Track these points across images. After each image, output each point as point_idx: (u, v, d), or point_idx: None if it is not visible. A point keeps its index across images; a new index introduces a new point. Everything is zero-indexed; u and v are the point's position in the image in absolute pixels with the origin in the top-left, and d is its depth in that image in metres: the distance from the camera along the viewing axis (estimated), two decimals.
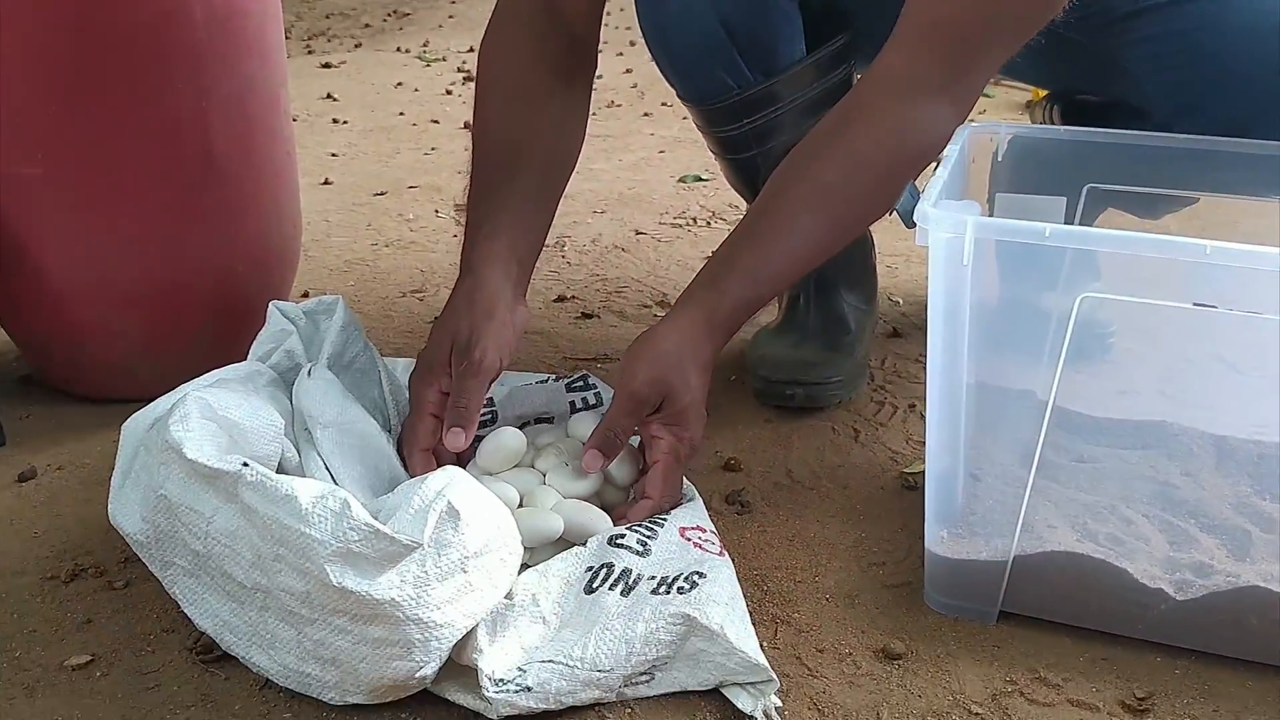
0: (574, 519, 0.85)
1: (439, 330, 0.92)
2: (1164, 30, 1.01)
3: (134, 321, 1.09)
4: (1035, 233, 0.72)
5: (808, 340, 1.18)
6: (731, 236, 0.92)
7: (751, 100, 1.10)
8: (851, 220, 0.92)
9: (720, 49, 1.07)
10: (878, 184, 0.89)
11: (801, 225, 0.89)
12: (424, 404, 0.89)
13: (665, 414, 0.87)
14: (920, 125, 0.87)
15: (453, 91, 2.68)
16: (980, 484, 0.90)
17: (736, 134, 1.14)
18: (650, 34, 1.10)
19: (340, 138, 2.26)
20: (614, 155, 2.15)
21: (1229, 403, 1.00)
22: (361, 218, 1.76)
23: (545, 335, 1.34)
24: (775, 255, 0.89)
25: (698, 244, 1.66)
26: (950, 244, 0.75)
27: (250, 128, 1.09)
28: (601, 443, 0.87)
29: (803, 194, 0.89)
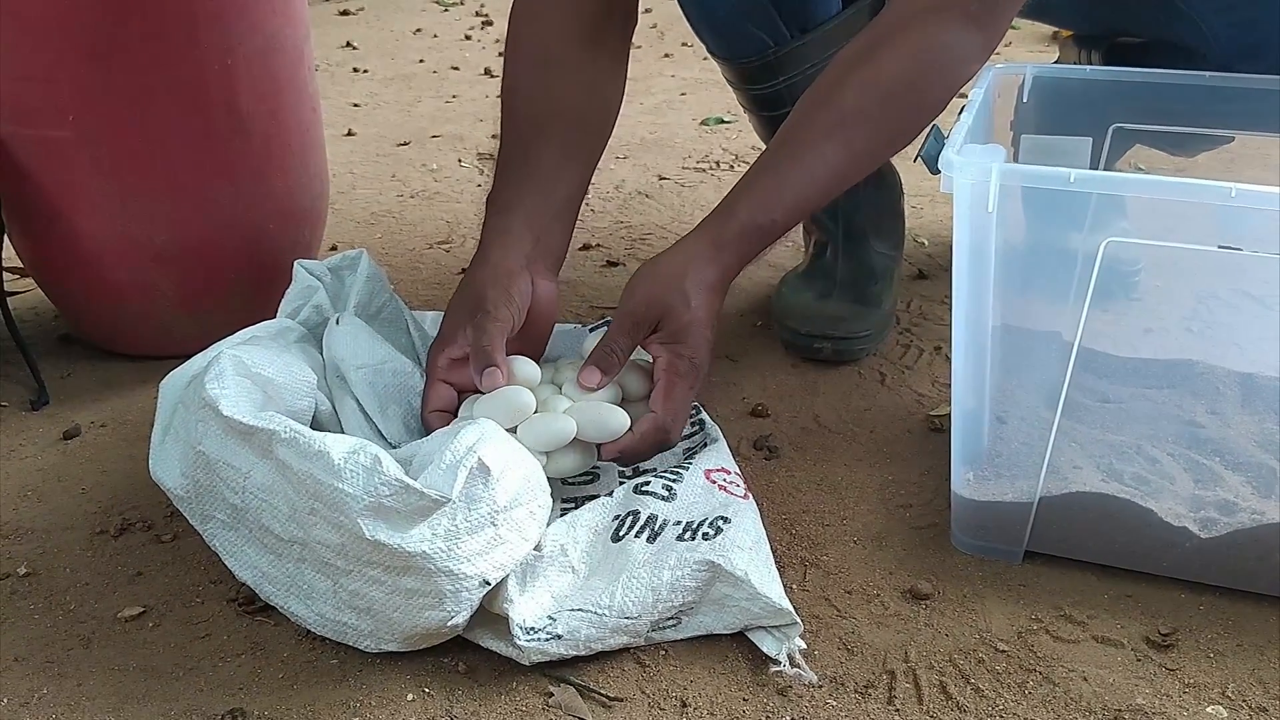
0: (587, 417, 0.84)
1: (449, 314, 0.91)
2: None
3: (168, 279, 1.11)
4: (1060, 178, 0.72)
5: (836, 291, 1.18)
6: (752, 165, 0.91)
7: (786, 57, 1.09)
8: (873, 149, 0.90)
9: (757, 6, 1.06)
10: (901, 112, 0.87)
11: (821, 152, 0.87)
12: (434, 370, 0.89)
13: (663, 333, 0.86)
14: (948, 53, 0.86)
15: (471, 37, 2.66)
16: (1006, 426, 0.90)
17: (769, 91, 1.13)
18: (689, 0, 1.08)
19: (361, 87, 2.26)
20: (635, 99, 2.14)
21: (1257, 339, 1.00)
22: (386, 169, 1.77)
23: (571, 285, 1.35)
24: (791, 181, 0.87)
25: (721, 188, 1.66)
26: (975, 191, 0.75)
27: (276, 85, 1.10)
28: (599, 359, 0.86)
29: (824, 120, 0.87)
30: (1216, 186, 0.69)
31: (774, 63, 1.10)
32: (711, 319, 0.87)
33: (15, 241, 1.15)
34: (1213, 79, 0.93)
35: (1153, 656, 0.76)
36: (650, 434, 0.85)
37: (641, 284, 0.86)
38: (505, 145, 0.98)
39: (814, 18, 1.08)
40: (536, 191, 0.95)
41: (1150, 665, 0.75)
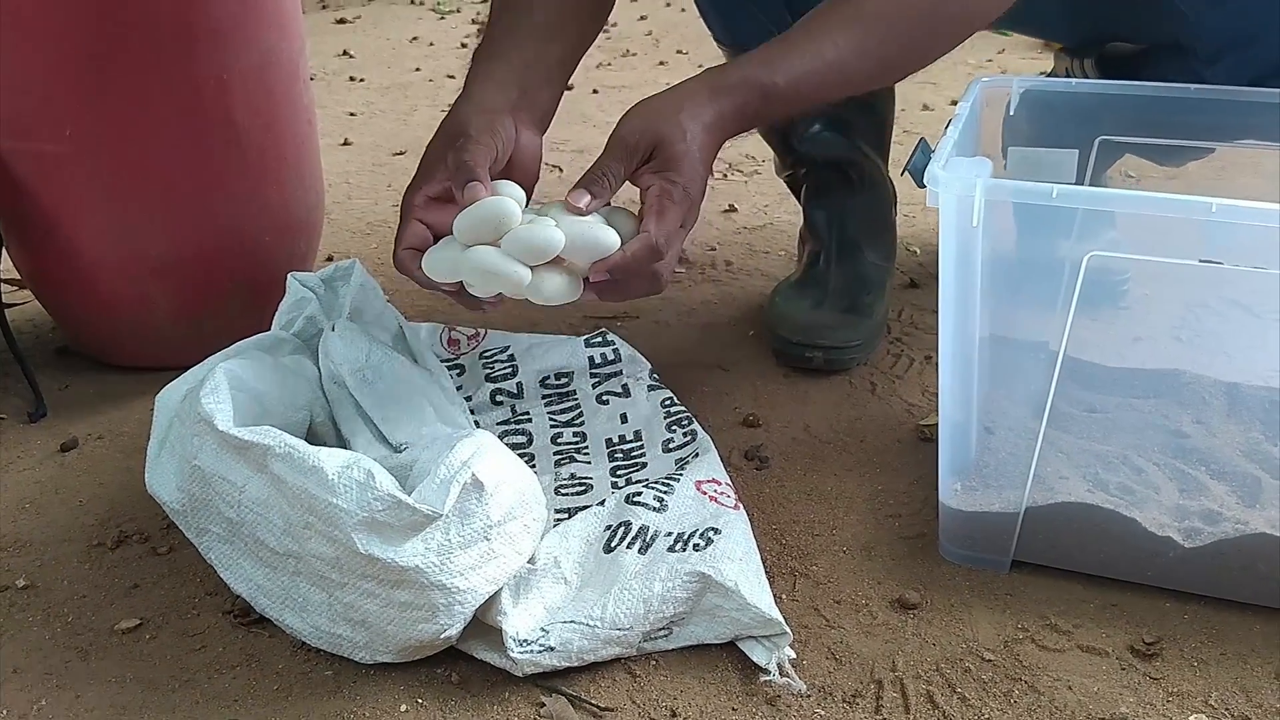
0: (576, 230, 0.79)
1: (427, 153, 0.88)
2: None
3: (164, 291, 1.12)
4: (1043, 193, 0.73)
5: (828, 300, 1.19)
6: None
7: None
8: (883, 54, 0.89)
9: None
10: (918, 28, 0.88)
11: (834, 38, 0.86)
12: (410, 209, 0.85)
13: (656, 162, 0.82)
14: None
15: (467, 45, 2.67)
16: (993, 436, 0.91)
17: None
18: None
19: (358, 96, 2.27)
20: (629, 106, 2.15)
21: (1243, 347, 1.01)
22: (382, 178, 1.78)
23: None
24: (799, 51, 0.86)
25: (714, 196, 1.67)
26: (960, 205, 0.76)
27: (271, 99, 1.11)
28: (588, 181, 0.82)
29: (842, 14, 0.87)
30: (1197, 202, 0.70)
31: None
32: (707, 159, 0.84)
33: (13, 254, 1.16)
34: (1197, 91, 0.94)
35: (1137, 665, 0.77)
36: (642, 253, 0.80)
37: (635, 115, 0.84)
38: (492, 20, 0.95)
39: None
40: (529, 47, 0.92)
41: (1134, 674, 0.76)
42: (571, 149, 1.91)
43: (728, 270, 1.42)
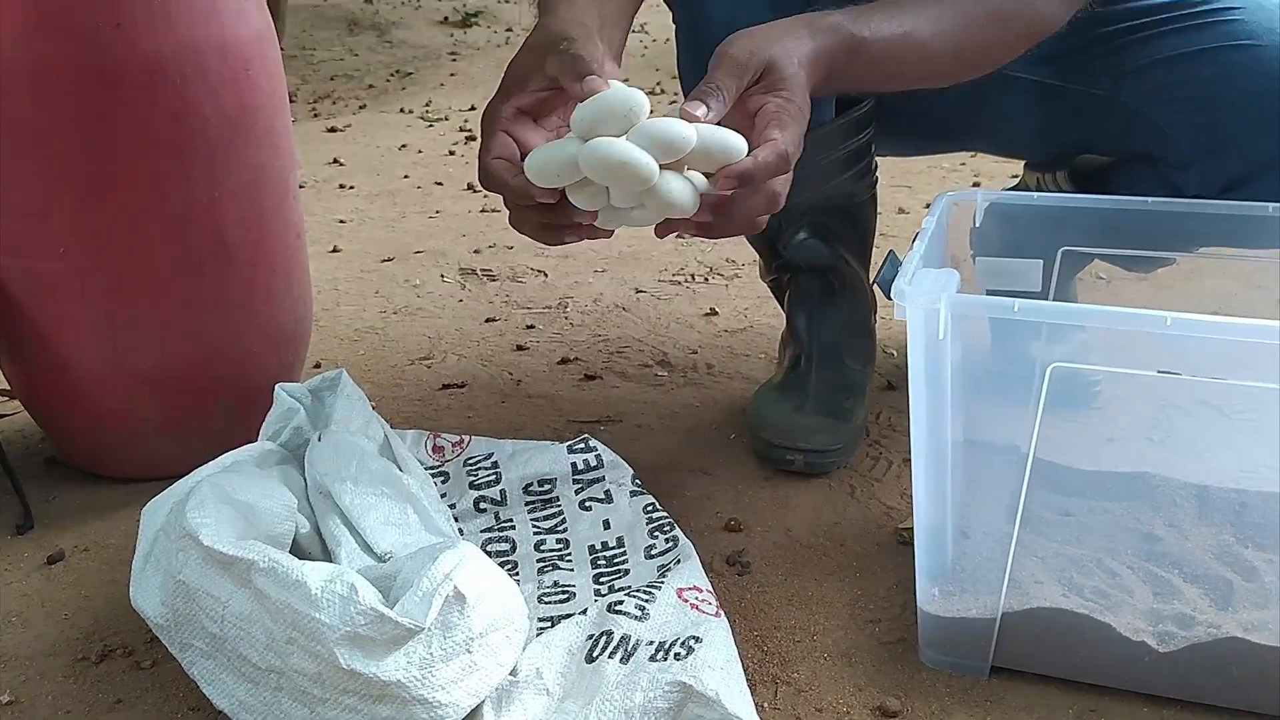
0: (707, 132, 0.74)
1: (513, 65, 0.83)
2: (1192, 77, 1.05)
3: (153, 405, 1.13)
4: (1005, 308, 0.76)
5: (809, 404, 1.21)
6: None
7: None
8: (958, 47, 0.93)
9: None
10: (990, 24, 0.93)
11: (917, 17, 0.89)
12: (495, 120, 0.80)
13: (765, 83, 0.80)
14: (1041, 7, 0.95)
15: (455, 152, 2.74)
16: (969, 541, 0.93)
17: None
18: (689, 81, 1.12)
19: (347, 203, 2.32)
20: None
21: (1214, 448, 1.04)
22: (370, 285, 1.81)
23: (549, 399, 1.38)
24: (886, 19, 0.87)
25: (695, 300, 1.70)
26: (926, 319, 0.79)
27: (262, 215, 1.14)
28: (703, 94, 0.77)
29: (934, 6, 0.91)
30: (1152, 316, 0.72)
31: None
32: (808, 92, 0.82)
33: (4, 367, 1.18)
34: (1154, 203, 0.98)
35: None
36: (772, 160, 0.77)
37: (741, 37, 0.82)
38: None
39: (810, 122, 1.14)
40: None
41: None
42: (557, 254, 1.94)
43: (709, 373, 1.45)
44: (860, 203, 1.26)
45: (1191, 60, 1.05)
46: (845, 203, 1.23)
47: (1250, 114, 1.00)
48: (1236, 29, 1.04)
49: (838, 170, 1.19)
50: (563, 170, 0.75)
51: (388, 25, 4.79)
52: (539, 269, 1.87)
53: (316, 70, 4.06)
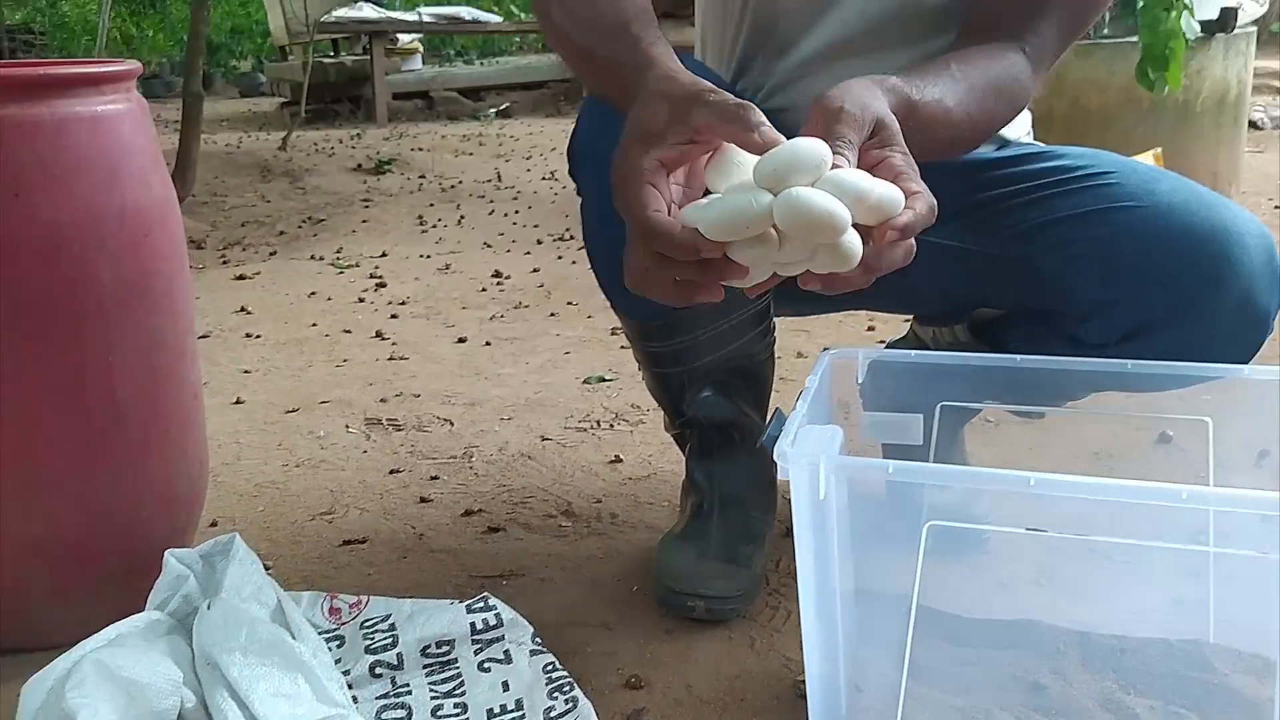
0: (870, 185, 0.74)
1: (641, 116, 0.80)
2: (1085, 236, 1.10)
3: (39, 571, 1.10)
4: (880, 469, 0.79)
5: (711, 550, 1.23)
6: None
7: (683, 321, 1.19)
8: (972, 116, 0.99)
9: None
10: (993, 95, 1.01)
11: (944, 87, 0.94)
12: (640, 172, 0.77)
13: (880, 137, 0.81)
14: (1020, 72, 1.05)
15: (365, 299, 2.76)
16: (862, 694, 0.94)
17: (665, 350, 1.22)
18: (598, 259, 1.17)
19: (253, 353, 2.31)
20: (521, 358, 2.23)
21: (1101, 594, 1.07)
22: (273, 437, 1.80)
23: (452, 553, 1.37)
24: (931, 84, 0.92)
25: (601, 447, 1.72)
26: (808, 479, 0.81)
27: (156, 378, 1.13)
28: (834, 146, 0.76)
29: (946, 72, 0.97)
30: (1016, 476, 0.76)
31: (671, 325, 1.19)
32: None
33: None
34: (1023, 361, 1.03)
35: None
36: (925, 213, 0.78)
37: (844, 93, 0.81)
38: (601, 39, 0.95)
39: None
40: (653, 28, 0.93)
41: None
42: (464, 401, 1.96)
43: (613, 523, 1.46)
44: (761, 361, 1.30)
45: (1082, 220, 1.12)
46: (746, 362, 1.27)
47: (1142, 269, 1.06)
48: (1117, 192, 1.11)
49: (740, 333, 1.23)
50: (753, 223, 0.73)
51: (301, 172, 4.84)
52: (445, 418, 1.87)
53: (228, 217, 4.07)
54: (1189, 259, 1.05)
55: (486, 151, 5.83)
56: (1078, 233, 1.11)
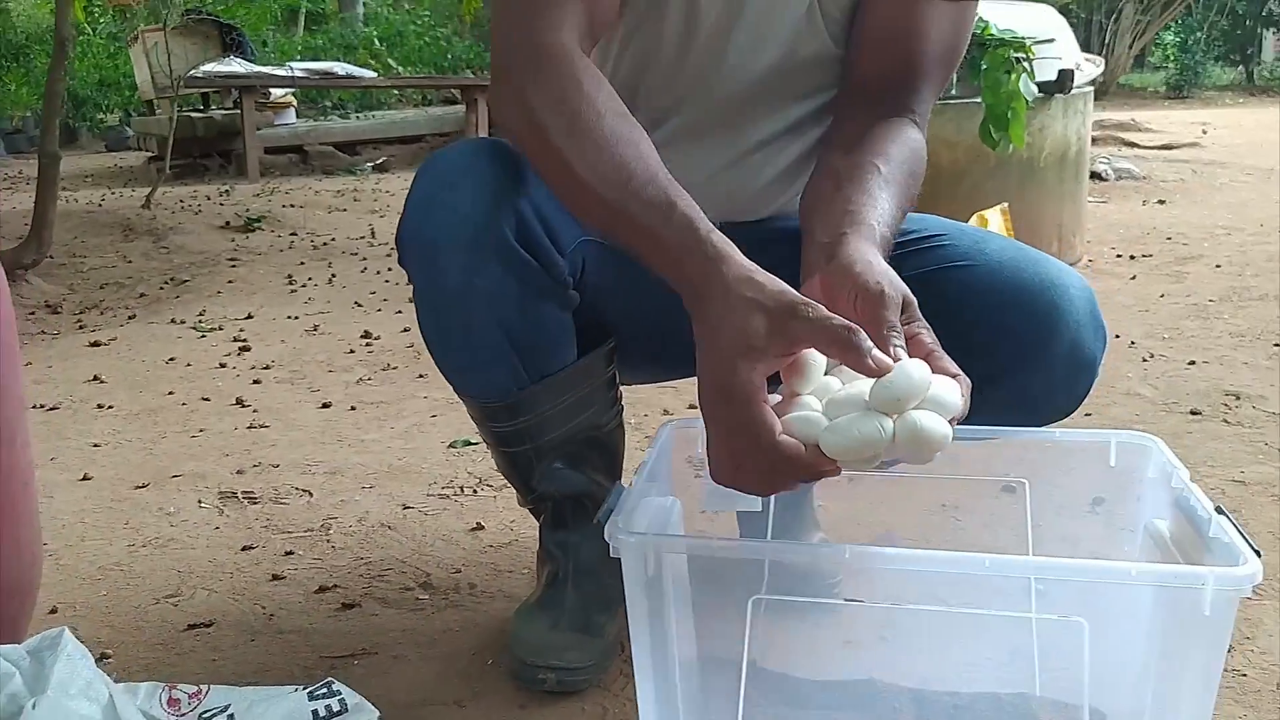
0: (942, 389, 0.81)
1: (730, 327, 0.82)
2: (928, 295, 1.13)
3: None
4: (706, 547, 0.81)
5: (564, 620, 1.22)
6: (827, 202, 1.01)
7: (527, 399, 1.18)
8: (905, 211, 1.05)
9: (500, 354, 1.14)
10: (912, 186, 1.07)
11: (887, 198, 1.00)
12: (753, 390, 0.80)
13: (909, 314, 0.86)
14: (920, 146, 1.11)
15: (226, 364, 2.69)
16: None
17: (510, 430, 1.21)
18: (433, 342, 1.16)
19: (104, 425, 2.23)
20: (387, 423, 2.20)
21: (938, 645, 1.10)
22: (120, 515, 1.74)
23: (302, 634, 1.34)
24: (885, 208, 0.99)
25: (463, 514, 1.71)
26: (638, 556, 0.83)
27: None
28: (887, 338, 0.82)
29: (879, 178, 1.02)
30: (832, 549, 0.78)
31: (515, 404, 1.18)
32: None
33: None
34: None
35: None
36: (969, 397, 0.84)
37: (874, 272, 0.87)
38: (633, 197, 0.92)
39: (552, 364, 1.18)
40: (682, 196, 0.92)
41: None
42: (324, 470, 1.92)
43: (471, 594, 1.45)
44: (610, 430, 1.31)
45: (929, 278, 1.16)
46: (595, 433, 1.27)
47: (984, 324, 1.12)
48: (951, 252, 1.17)
49: (587, 405, 1.23)
50: (876, 448, 0.78)
51: (165, 230, 4.72)
52: (304, 488, 1.84)
53: (86, 279, 3.94)
54: (1025, 312, 1.11)
55: (361, 207, 5.77)
56: (922, 294, 1.16)
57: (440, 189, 1.10)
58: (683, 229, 0.89)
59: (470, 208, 1.09)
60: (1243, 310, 2.92)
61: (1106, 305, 1.18)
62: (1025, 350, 1.11)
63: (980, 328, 1.12)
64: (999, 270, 1.14)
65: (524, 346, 1.15)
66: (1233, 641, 1.27)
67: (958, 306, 1.14)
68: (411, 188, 1.13)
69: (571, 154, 0.95)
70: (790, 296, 0.83)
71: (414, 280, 1.14)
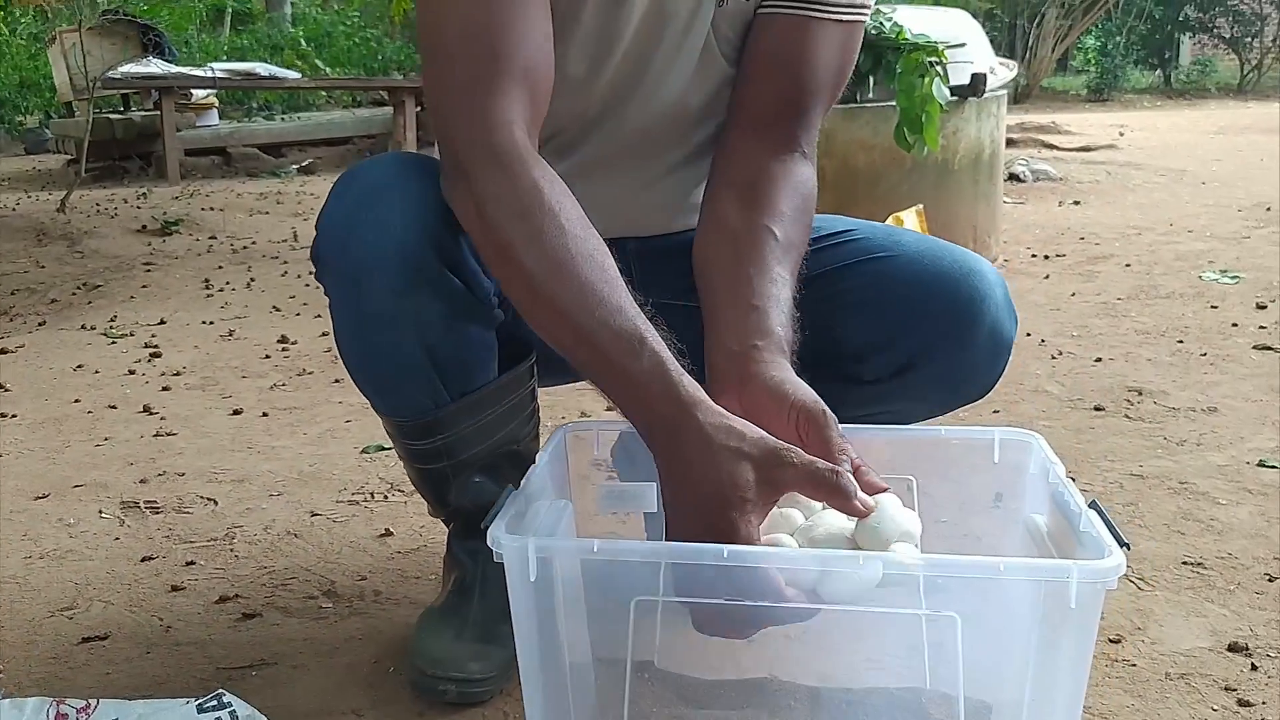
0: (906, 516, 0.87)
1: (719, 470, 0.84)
2: (849, 286, 1.17)
3: None
4: (585, 549, 0.81)
5: (467, 630, 1.21)
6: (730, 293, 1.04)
7: (446, 418, 1.15)
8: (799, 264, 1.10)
9: (421, 373, 1.11)
10: (807, 231, 1.12)
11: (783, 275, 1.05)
12: (753, 539, 0.84)
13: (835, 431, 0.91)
14: (810, 186, 1.15)
15: (135, 371, 2.63)
16: None
17: (428, 447, 1.18)
18: (352, 361, 1.13)
19: (6, 434, 2.17)
20: (299, 429, 2.17)
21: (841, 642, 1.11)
22: (18, 527, 1.69)
23: (200, 645, 1.31)
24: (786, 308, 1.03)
25: (372, 520, 1.69)
26: (518, 561, 0.82)
27: None
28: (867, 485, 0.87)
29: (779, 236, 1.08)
30: (710, 549, 0.79)
31: (433, 422, 1.15)
32: None
33: None
34: None
35: None
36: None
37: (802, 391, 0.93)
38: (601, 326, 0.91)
39: (473, 382, 1.15)
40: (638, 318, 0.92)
41: None
42: (232, 478, 1.89)
43: (375, 601, 1.43)
44: (528, 442, 1.30)
45: (846, 272, 1.19)
46: (514, 446, 1.25)
47: (909, 311, 1.15)
48: (867, 245, 1.20)
49: (507, 421, 1.21)
50: (867, 589, 0.82)
51: (80, 235, 4.61)
52: (209, 497, 1.80)
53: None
54: (948, 298, 1.15)
55: (284, 210, 5.68)
56: (844, 284, 1.19)
57: (365, 207, 1.07)
58: (653, 368, 0.89)
59: (400, 231, 1.05)
60: (1149, 308, 2.99)
61: (1020, 304, 1.22)
62: (950, 334, 1.15)
63: (904, 314, 1.16)
64: (918, 259, 1.17)
65: (446, 367, 1.13)
66: (1123, 632, 1.30)
67: (879, 294, 1.17)
68: (330, 201, 1.09)
69: (536, 273, 0.93)
70: (771, 443, 0.86)
71: (335, 299, 1.10)
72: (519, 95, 1.00)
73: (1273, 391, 2.22)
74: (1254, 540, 1.53)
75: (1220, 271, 3.38)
